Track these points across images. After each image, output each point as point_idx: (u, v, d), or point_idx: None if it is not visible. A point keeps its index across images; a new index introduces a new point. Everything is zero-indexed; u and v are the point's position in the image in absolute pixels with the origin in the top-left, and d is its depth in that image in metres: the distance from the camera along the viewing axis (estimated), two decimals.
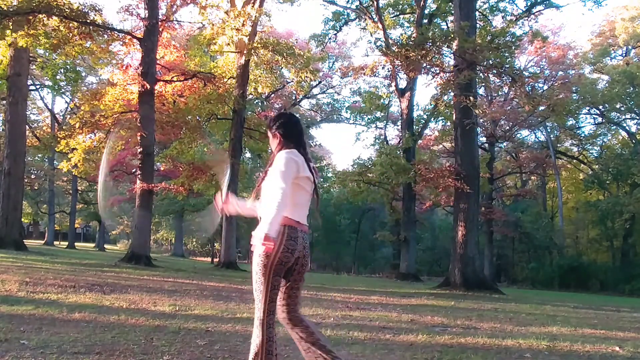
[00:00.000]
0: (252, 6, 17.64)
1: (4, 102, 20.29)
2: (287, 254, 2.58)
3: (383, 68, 19.63)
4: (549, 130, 32.58)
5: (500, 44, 15.67)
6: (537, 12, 22.29)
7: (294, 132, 2.80)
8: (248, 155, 33.19)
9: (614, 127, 33.01)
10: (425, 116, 28.29)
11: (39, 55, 21.35)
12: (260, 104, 32.41)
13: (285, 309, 2.69)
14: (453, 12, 18.64)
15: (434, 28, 21.77)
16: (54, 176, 34.31)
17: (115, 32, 16.27)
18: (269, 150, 24.19)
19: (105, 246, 40.91)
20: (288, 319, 2.69)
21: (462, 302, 10.53)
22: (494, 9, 24.82)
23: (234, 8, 17.58)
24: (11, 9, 13.98)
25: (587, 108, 31.14)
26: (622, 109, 30.34)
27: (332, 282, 16.08)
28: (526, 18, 22.00)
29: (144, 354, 3.53)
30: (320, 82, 34.54)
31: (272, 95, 33.40)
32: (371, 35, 24.82)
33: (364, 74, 21.01)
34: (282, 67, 23.37)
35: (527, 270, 31.21)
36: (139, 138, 15.92)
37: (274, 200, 2.50)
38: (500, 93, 30.14)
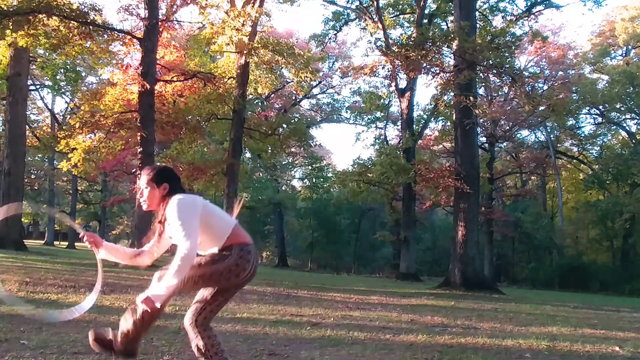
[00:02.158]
0: (252, 6, 17.62)
1: (4, 102, 20.30)
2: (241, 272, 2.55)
3: (383, 68, 19.66)
4: (549, 130, 32.58)
5: (500, 44, 15.67)
6: (537, 12, 22.31)
7: (174, 176, 2.69)
8: (248, 155, 33.20)
9: (614, 127, 33.01)
10: (425, 116, 28.31)
11: (39, 55, 21.35)
12: (260, 104, 32.41)
13: (205, 315, 2.60)
14: (453, 12, 18.65)
15: (434, 28, 21.79)
16: (54, 176, 34.29)
17: (115, 32, 16.25)
18: (269, 150, 24.42)
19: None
20: (203, 325, 2.59)
21: (462, 302, 10.53)
22: (494, 9, 24.81)
23: (234, 8, 17.57)
24: (11, 9, 13.97)
25: (587, 108, 31.14)
26: (622, 109, 30.33)
27: (332, 282, 16.08)
28: (526, 18, 22.00)
29: (144, 354, 3.53)
30: (320, 82, 34.54)
31: (272, 95, 33.42)
32: (371, 35, 24.83)
33: (364, 74, 21.05)
34: (282, 67, 23.37)
35: (527, 270, 31.20)
36: (139, 138, 15.91)
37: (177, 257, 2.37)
38: (500, 93, 30.14)
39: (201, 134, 20.32)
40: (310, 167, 41.16)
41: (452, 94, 17.52)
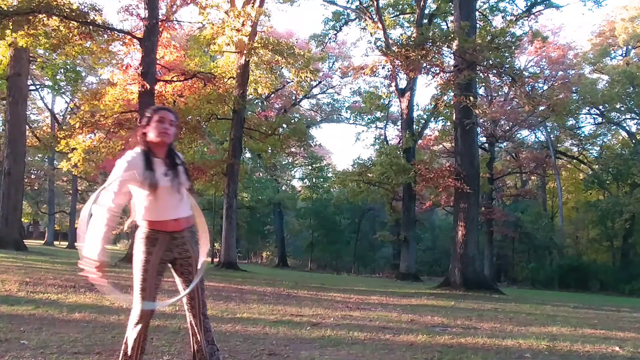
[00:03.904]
0: (252, 6, 17.63)
1: (4, 102, 20.30)
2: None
3: (383, 68, 19.63)
4: (549, 130, 32.57)
5: (500, 44, 15.64)
6: (537, 12, 22.26)
7: None
8: (248, 155, 33.22)
9: (614, 127, 32.99)
10: (425, 116, 28.30)
11: (39, 55, 21.34)
12: (260, 104, 32.41)
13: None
14: (453, 12, 18.63)
15: (434, 28, 21.74)
16: (54, 176, 34.32)
17: (115, 32, 16.24)
18: (269, 150, 24.41)
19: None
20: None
21: (462, 302, 10.53)
22: (494, 9, 24.80)
23: (234, 8, 17.58)
24: (11, 9, 13.96)
25: (587, 108, 31.11)
26: (622, 109, 30.31)
27: (332, 282, 16.07)
28: (526, 18, 21.97)
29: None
30: (320, 82, 34.54)
31: (272, 95, 33.42)
32: (371, 35, 24.80)
33: (364, 74, 21.02)
34: (282, 67, 23.37)
35: (527, 270, 31.19)
36: None
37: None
38: (500, 93, 30.13)
39: (201, 134, 20.32)
40: (310, 167, 41.18)
41: (452, 94, 17.50)
